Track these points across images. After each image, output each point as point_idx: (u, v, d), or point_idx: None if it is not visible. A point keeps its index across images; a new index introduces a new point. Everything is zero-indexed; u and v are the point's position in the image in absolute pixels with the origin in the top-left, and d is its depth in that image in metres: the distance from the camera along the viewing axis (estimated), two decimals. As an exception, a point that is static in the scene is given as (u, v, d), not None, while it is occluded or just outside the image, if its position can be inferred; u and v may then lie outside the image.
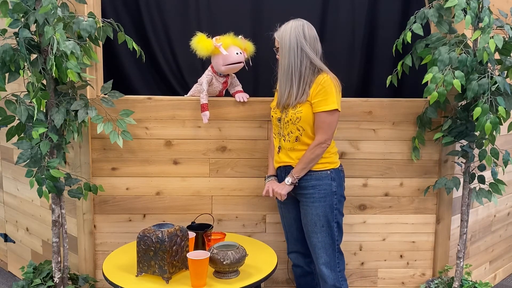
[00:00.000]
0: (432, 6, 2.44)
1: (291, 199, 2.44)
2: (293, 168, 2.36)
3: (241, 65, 2.62)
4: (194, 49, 2.57)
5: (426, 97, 2.53)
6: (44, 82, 2.31)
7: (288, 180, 2.34)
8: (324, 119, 2.29)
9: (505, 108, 2.32)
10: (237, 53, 2.58)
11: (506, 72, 2.48)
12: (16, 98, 2.24)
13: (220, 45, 2.54)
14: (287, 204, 2.48)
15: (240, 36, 2.65)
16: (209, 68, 2.66)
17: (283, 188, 2.36)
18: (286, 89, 2.32)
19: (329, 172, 2.36)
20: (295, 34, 2.30)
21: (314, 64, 2.32)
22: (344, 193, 2.43)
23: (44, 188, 2.28)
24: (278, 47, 2.37)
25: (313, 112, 2.30)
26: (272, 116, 2.47)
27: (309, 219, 2.36)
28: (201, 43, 2.55)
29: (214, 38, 2.57)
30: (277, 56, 2.40)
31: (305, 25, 2.33)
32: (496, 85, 2.30)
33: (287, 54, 2.31)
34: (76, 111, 2.34)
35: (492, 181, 2.58)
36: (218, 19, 2.91)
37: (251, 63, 2.69)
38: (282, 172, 2.44)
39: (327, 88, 2.27)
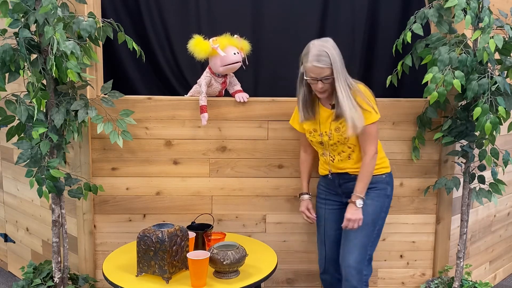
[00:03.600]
0: (432, 6, 2.44)
1: (338, 204, 2.45)
2: (348, 174, 2.37)
3: (239, 64, 2.62)
4: (191, 52, 2.56)
5: (426, 97, 2.53)
6: (44, 82, 2.31)
7: (360, 203, 2.29)
8: (370, 130, 2.27)
9: (505, 108, 2.32)
10: (234, 53, 2.58)
11: (506, 72, 2.47)
12: (16, 98, 2.24)
13: (217, 47, 2.54)
14: (332, 205, 2.47)
15: (235, 35, 2.65)
16: (207, 69, 2.66)
17: (359, 213, 2.30)
18: (353, 115, 2.21)
19: (384, 176, 2.37)
20: (340, 56, 2.24)
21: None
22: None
23: (44, 188, 2.28)
24: (326, 76, 2.21)
25: None
26: (311, 140, 2.42)
27: None
28: (198, 46, 2.55)
29: (211, 40, 2.57)
30: (320, 85, 2.24)
31: (335, 44, 2.27)
32: (496, 85, 2.30)
33: (343, 80, 2.22)
34: (76, 111, 2.34)
35: (492, 181, 2.58)
36: (218, 19, 2.91)
37: (247, 62, 2.69)
38: (335, 178, 2.42)
39: (368, 100, 2.27)
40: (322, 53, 2.19)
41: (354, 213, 2.30)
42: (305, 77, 2.26)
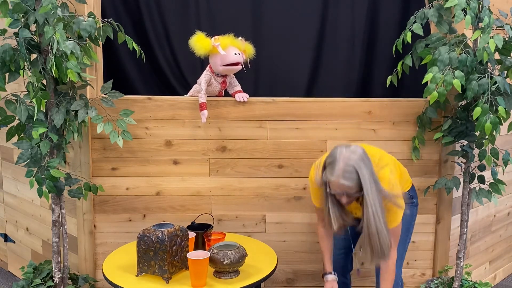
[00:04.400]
0: (432, 6, 2.44)
1: None
2: None
3: (239, 67, 2.62)
4: (192, 48, 2.56)
5: (426, 97, 2.53)
6: (44, 82, 2.31)
7: None
8: (396, 231, 2.11)
9: (505, 108, 2.32)
10: (235, 54, 2.58)
11: (506, 72, 2.47)
12: (16, 98, 2.24)
13: (218, 45, 2.54)
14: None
15: (240, 38, 2.65)
16: (207, 68, 2.66)
17: None
18: (380, 240, 1.98)
19: (407, 192, 2.30)
20: (370, 168, 1.96)
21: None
22: None
23: (44, 188, 2.28)
24: (353, 193, 1.97)
25: None
26: None
27: None
28: (199, 42, 2.55)
29: (213, 38, 2.57)
30: (345, 199, 2.01)
31: (365, 153, 1.99)
32: (496, 85, 2.30)
33: (374, 196, 1.95)
34: (76, 111, 2.34)
35: (492, 181, 2.58)
36: (218, 19, 2.92)
37: (249, 65, 2.69)
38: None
39: (399, 203, 2.05)
40: (349, 168, 1.93)
41: None
42: (328, 190, 2.02)
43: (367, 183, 1.93)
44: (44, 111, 2.32)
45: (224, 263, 2.06)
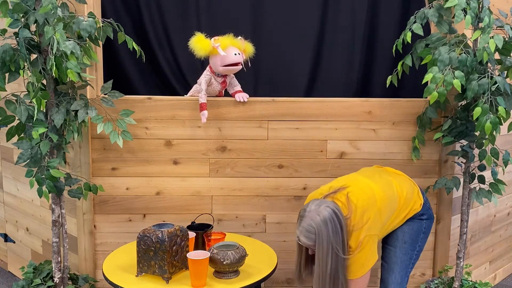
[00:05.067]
0: (432, 6, 2.44)
1: None
2: None
3: (239, 67, 2.62)
4: (192, 49, 2.57)
5: (426, 97, 2.53)
6: (44, 82, 2.31)
7: None
8: (356, 284, 2.13)
9: (505, 108, 2.32)
10: (235, 54, 2.58)
11: (506, 72, 2.47)
12: (16, 98, 2.24)
13: (218, 46, 2.54)
14: None
15: (239, 37, 2.65)
16: (207, 68, 2.66)
17: None
18: None
19: (417, 213, 2.28)
20: (333, 233, 1.98)
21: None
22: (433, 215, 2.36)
23: (44, 188, 2.28)
24: (314, 250, 2.04)
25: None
26: None
27: (391, 232, 2.27)
28: (199, 43, 2.55)
29: (212, 39, 2.57)
30: (311, 251, 2.11)
31: (337, 214, 2.00)
32: (496, 85, 2.30)
33: (327, 261, 2.00)
34: (76, 111, 2.34)
35: (492, 181, 2.58)
36: (218, 19, 2.92)
37: (249, 64, 2.69)
38: None
39: (361, 256, 2.08)
40: (310, 228, 2.00)
41: None
42: (297, 240, 2.09)
43: (322, 248, 1.98)
44: (44, 111, 2.32)
45: (224, 263, 2.06)
